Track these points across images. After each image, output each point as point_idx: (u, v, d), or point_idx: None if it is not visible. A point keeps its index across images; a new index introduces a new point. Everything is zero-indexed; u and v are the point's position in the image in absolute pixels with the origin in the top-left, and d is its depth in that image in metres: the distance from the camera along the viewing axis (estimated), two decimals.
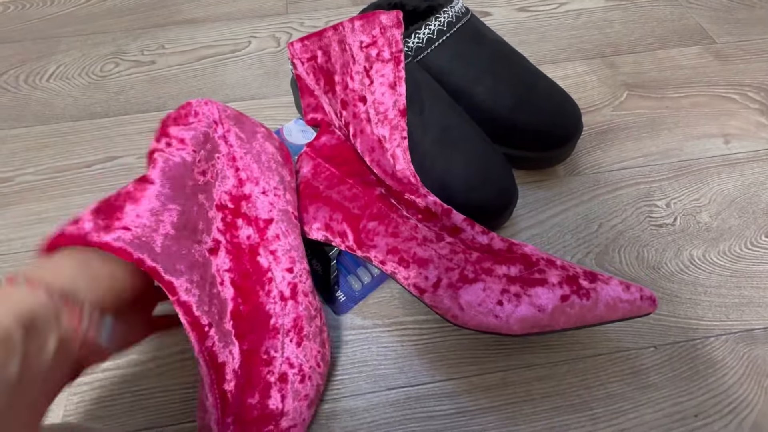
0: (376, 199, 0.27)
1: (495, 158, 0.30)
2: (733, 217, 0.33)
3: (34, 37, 0.48)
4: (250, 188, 0.23)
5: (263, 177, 0.24)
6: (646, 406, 0.26)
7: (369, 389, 0.26)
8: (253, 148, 0.24)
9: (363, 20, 0.27)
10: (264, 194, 0.24)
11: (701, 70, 0.42)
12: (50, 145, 0.39)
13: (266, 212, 0.23)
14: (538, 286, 0.22)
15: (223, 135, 0.23)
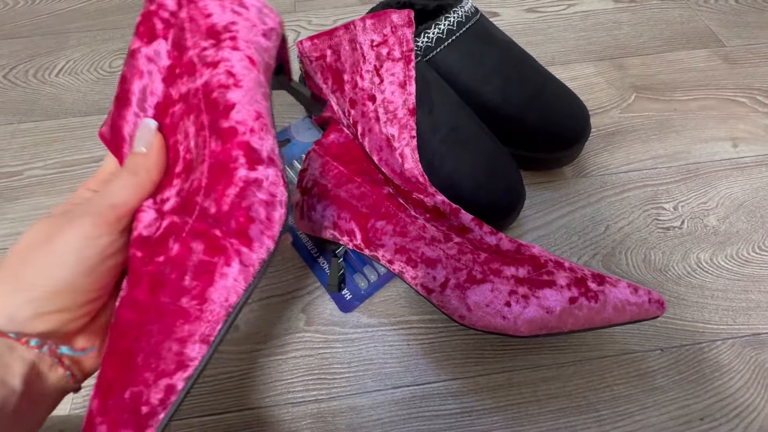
0: (385, 198, 0.27)
1: (503, 158, 0.30)
2: (740, 221, 0.33)
3: (43, 33, 0.48)
4: (197, 38, 0.19)
5: (221, 21, 0.19)
6: (652, 408, 0.26)
7: (375, 387, 0.27)
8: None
9: (374, 19, 0.27)
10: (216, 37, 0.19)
11: (710, 73, 0.42)
12: (59, 140, 0.39)
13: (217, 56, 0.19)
14: (547, 287, 0.22)
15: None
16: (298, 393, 0.26)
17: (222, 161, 0.17)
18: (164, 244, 0.17)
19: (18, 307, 0.15)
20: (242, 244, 0.16)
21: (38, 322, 0.15)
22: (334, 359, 0.27)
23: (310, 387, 0.27)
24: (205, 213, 0.17)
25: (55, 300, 0.15)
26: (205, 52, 0.19)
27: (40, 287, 0.15)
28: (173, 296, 0.16)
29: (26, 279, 0.15)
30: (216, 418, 0.26)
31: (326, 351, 0.28)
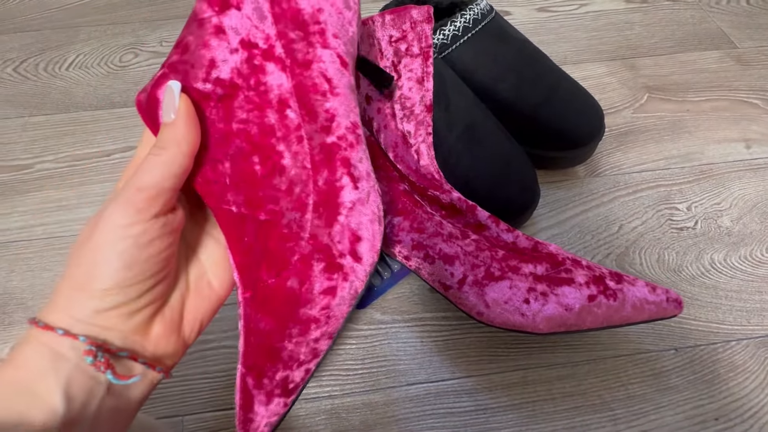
0: (401, 194, 0.27)
1: (519, 157, 0.29)
2: (754, 222, 0.33)
3: (53, 26, 0.48)
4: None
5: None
6: (666, 408, 0.26)
7: (389, 384, 0.26)
8: None
9: (393, 15, 0.27)
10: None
11: (722, 74, 0.42)
12: (70, 134, 0.39)
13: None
14: (565, 285, 0.22)
15: None
16: (312, 389, 0.26)
17: (329, 181, 0.18)
18: (286, 260, 0.17)
19: (77, 309, 0.15)
20: (354, 260, 0.18)
21: (102, 320, 0.15)
22: (348, 356, 0.27)
23: (324, 383, 0.26)
24: (318, 230, 0.17)
25: (107, 299, 0.15)
26: (294, 45, 0.17)
27: (91, 287, 0.15)
28: (305, 306, 0.17)
29: (79, 280, 0.15)
30: (229, 413, 0.26)
31: (340, 347, 0.28)
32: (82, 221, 0.34)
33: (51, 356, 0.15)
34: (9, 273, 0.31)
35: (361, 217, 0.18)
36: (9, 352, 0.15)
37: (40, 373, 0.14)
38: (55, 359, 0.15)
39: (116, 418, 0.16)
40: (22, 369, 0.15)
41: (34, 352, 0.15)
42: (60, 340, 0.15)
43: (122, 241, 0.15)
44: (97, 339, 0.15)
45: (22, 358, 0.15)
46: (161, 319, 0.17)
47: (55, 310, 0.15)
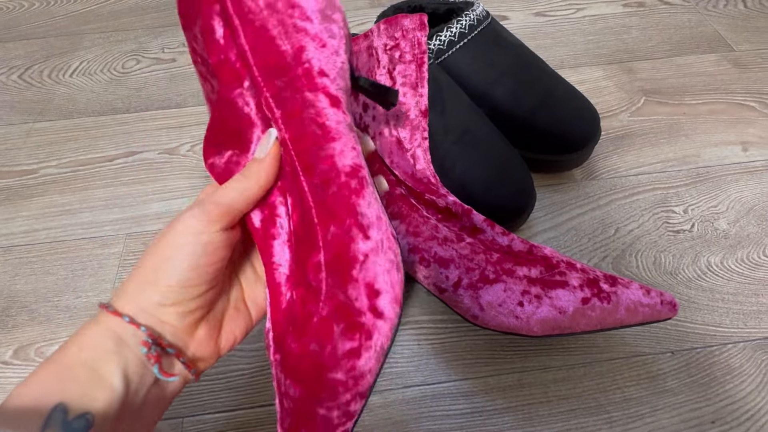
0: (397, 198, 0.27)
1: (514, 160, 0.30)
2: (751, 225, 0.33)
3: (57, 34, 0.49)
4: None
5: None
6: (662, 411, 0.26)
7: (385, 386, 0.27)
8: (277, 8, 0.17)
9: (387, 24, 0.28)
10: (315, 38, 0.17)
11: (719, 77, 0.42)
12: (73, 139, 0.40)
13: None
14: (559, 288, 0.23)
15: None
16: None
17: (337, 235, 0.17)
18: (306, 325, 0.17)
19: (144, 299, 0.17)
20: (375, 317, 0.17)
21: (161, 314, 0.17)
22: None
23: None
24: (333, 290, 0.17)
25: (169, 294, 0.17)
26: (282, 94, 0.17)
27: (158, 283, 0.17)
28: (331, 371, 0.17)
29: (149, 273, 0.17)
30: (228, 415, 0.26)
31: None
32: (85, 225, 0.34)
33: (115, 340, 0.16)
34: (13, 276, 0.32)
35: (377, 267, 0.16)
36: (74, 333, 0.17)
37: (105, 354, 0.16)
38: (119, 343, 0.16)
39: (156, 408, 0.17)
40: (87, 349, 0.16)
41: (100, 334, 0.16)
42: (125, 326, 0.17)
43: (192, 245, 0.17)
44: (154, 331, 0.17)
45: (88, 338, 0.16)
46: (205, 324, 0.19)
47: (124, 298, 0.17)
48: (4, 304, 0.31)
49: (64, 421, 0.14)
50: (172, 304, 0.17)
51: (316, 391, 0.17)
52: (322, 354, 0.16)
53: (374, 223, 0.17)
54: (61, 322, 0.30)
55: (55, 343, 0.29)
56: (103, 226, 0.34)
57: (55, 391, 0.15)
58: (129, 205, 0.35)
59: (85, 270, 0.32)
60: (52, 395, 0.15)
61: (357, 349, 0.16)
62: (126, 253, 0.33)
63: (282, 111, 0.17)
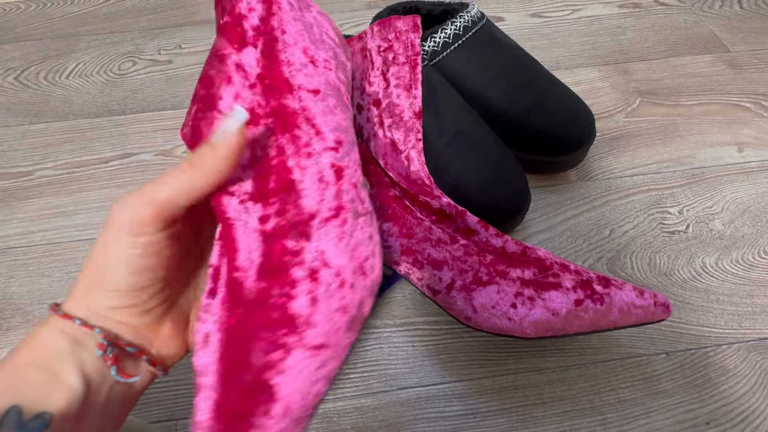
0: (391, 200, 0.27)
1: (509, 162, 0.30)
2: (746, 226, 0.33)
3: (54, 35, 0.49)
4: (294, 54, 0.18)
5: (313, 47, 0.18)
6: (657, 412, 0.26)
7: (380, 388, 0.27)
8: (305, 18, 0.19)
9: (380, 26, 0.28)
10: (312, 63, 0.18)
11: (715, 78, 0.42)
12: (69, 141, 0.40)
13: (311, 83, 0.18)
14: (552, 289, 0.23)
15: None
16: None
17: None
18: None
19: (94, 303, 0.16)
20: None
21: (115, 315, 0.16)
22: None
23: None
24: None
25: (118, 299, 0.16)
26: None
27: (105, 288, 0.16)
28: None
29: (93, 279, 0.16)
30: None
31: None
32: (81, 227, 0.34)
33: (69, 341, 0.16)
34: (8, 279, 0.32)
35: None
36: (24, 338, 0.16)
37: (60, 355, 0.15)
38: (73, 344, 0.16)
39: (123, 404, 0.17)
40: (40, 351, 0.15)
41: (53, 336, 0.16)
42: (77, 328, 0.16)
43: (129, 250, 0.15)
44: (110, 332, 0.16)
45: (39, 340, 0.16)
46: (170, 320, 0.18)
47: (74, 301, 0.16)
48: None
49: (18, 422, 0.14)
50: (125, 307, 0.16)
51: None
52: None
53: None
54: None
55: None
56: (99, 228, 0.34)
57: (8, 394, 0.14)
58: None
59: None
60: (4, 398, 0.14)
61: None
62: None
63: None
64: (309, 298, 0.16)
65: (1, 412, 0.14)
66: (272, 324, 0.16)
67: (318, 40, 0.19)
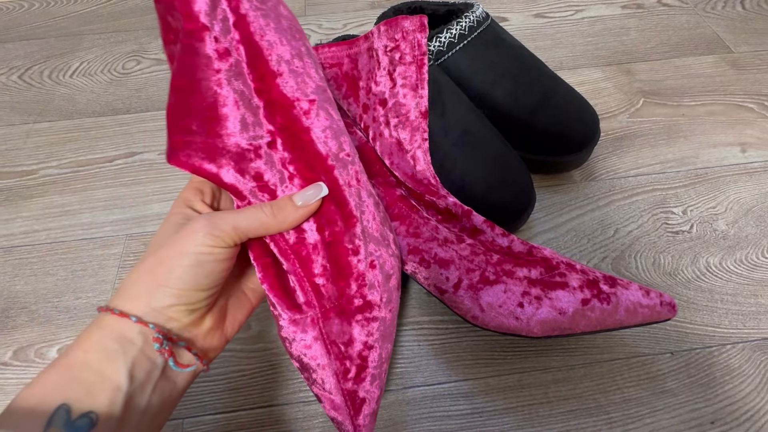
0: (397, 199, 0.27)
1: (514, 162, 0.30)
2: (749, 226, 0.33)
3: (58, 34, 0.49)
4: (277, 62, 0.20)
5: (289, 47, 0.20)
6: (662, 411, 0.26)
7: (385, 387, 0.27)
8: (269, 10, 0.20)
9: (387, 25, 0.28)
10: (293, 71, 0.20)
11: (718, 78, 0.42)
12: (73, 140, 0.40)
13: (305, 92, 0.20)
14: (559, 289, 0.23)
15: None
16: (310, 392, 0.26)
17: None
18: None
19: (156, 300, 0.18)
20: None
21: (170, 312, 0.18)
22: None
23: None
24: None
25: (181, 296, 0.18)
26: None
27: (171, 286, 0.18)
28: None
29: (161, 276, 0.18)
30: (228, 416, 0.26)
31: None
32: (85, 226, 0.34)
33: (120, 341, 0.17)
34: (12, 277, 0.32)
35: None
36: (77, 338, 0.17)
37: (109, 354, 0.17)
38: (124, 343, 0.17)
39: (165, 405, 0.18)
40: (91, 351, 0.17)
41: (104, 336, 0.17)
42: (131, 326, 0.17)
43: (207, 256, 0.18)
44: (163, 328, 0.18)
45: (91, 341, 0.17)
46: (211, 316, 0.20)
47: (129, 300, 0.18)
48: (3, 305, 0.31)
49: (67, 421, 0.15)
50: (182, 305, 0.18)
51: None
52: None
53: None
54: (61, 323, 0.30)
55: (55, 344, 0.29)
56: (104, 227, 0.34)
57: (59, 393, 0.15)
58: (129, 206, 0.35)
59: (86, 271, 0.32)
60: (55, 396, 0.15)
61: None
62: (126, 254, 0.33)
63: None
64: (376, 283, 0.21)
65: (50, 411, 0.15)
66: (360, 308, 0.21)
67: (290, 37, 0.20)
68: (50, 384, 0.16)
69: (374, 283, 0.21)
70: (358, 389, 0.21)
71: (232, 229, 0.18)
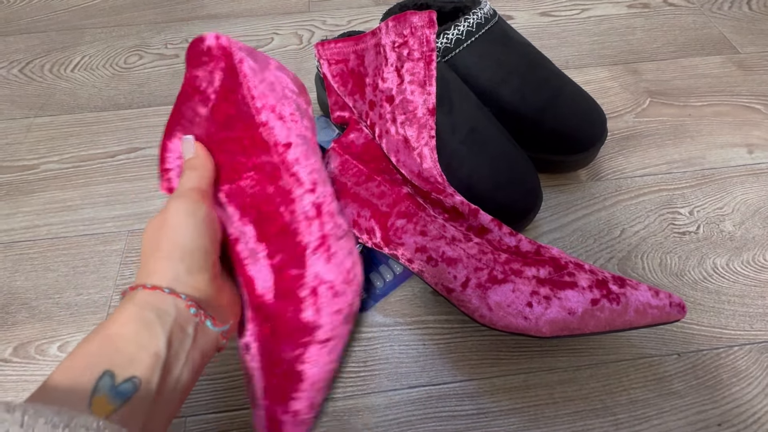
0: (404, 197, 0.27)
1: (521, 160, 0.30)
2: (756, 227, 0.33)
3: (59, 28, 0.49)
4: (266, 115, 0.23)
5: (279, 104, 0.24)
6: (669, 413, 0.25)
7: (390, 387, 0.26)
8: (266, 78, 0.24)
9: (395, 21, 0.27)
10: (281, 120, 0.23)
11: (724, 79, 0.42)
12: (74, 135, 0.39)
13: (284, 137, 0.23)
14: (569, 289, 0.22)
15: (236, 65, 0.23)
16: None
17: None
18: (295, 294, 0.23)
19: (176, 270, 0.19)
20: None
21: (193, 281, 0.20)
22: (350, 358, 0.27)
23: None
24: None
25: (193, 258, 0.20)
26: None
27: (180, 253, 0.19)
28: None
29: (165, 252, 0.20)
30: (231, 415, 0.26)
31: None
32: (87, 222, 0.34)
33: (156, 311, 0.18)
34: (13, 273, 0.31)
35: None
36: (111, 315, 0.18)
37: (148, 324, 0.18)
38: (161, 314, 0.18)
39: (193, 376, 0.19)
40: (129, 323, 0.17)
41: (140, 309, 0.18)
42: (164, 297, 0.18)
43: (191, 219, 0.20)
44: (193, 297, 0.19)
45: (128, 315, 0.18)
46: (225, 292, 0.22)
47: (157, 275, 0.19)
48: (4, 300, 0.30)
49: (111, 387, 0.15)
50: (198, 271, 0.20)
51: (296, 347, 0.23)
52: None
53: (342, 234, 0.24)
54: (61, 319, 0.29)
55: (55, 341, 0.28)
56: (105, 223, 0.34)
57: (101, 362, 0.16)
58: (131, 202, 0.35)
59: (87, 267, 0.32)
60: (98, 365, 0.16)
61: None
62: (128, 250, 0.32)
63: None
64: (314, 309, 0.23)
65: (95, 378, 0.15)
66: (293, 331, 0.23)
67: (281, 96, 0.24)
68: (91, 355, 0.16)
69: (312, 312, 0.23)
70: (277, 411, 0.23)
71: (191, 191, 0.22)
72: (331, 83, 0.31)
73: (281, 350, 0.23)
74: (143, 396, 0.16)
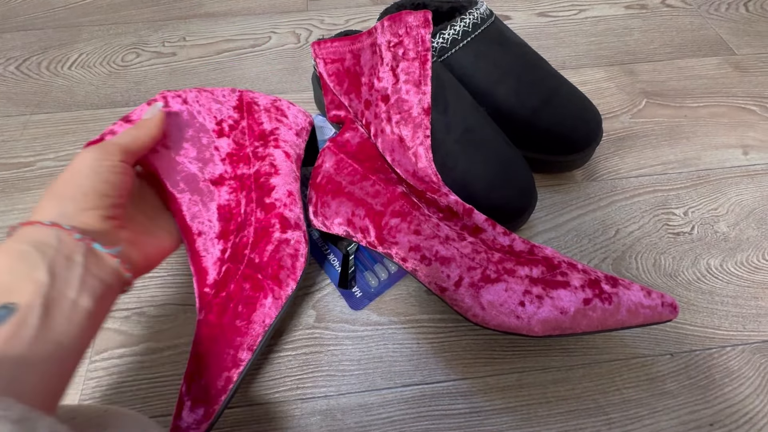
0: (399, 196, 0.27)
1: (516, 160, 0.30)
2: (751, 228, 0.33)
3: (56, 25, 0.48)
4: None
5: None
6: (662, 413, 0.26)
7: (384, 385, 0.26)
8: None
9: (390, 20, 0.27)
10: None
11: (720, 80, 0.42)
12: (71, 132, 0.39)
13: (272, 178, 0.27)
14: (561, 288, 0.22)
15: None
16: (308, 389, 0.26)
17: (264, 226, 0.26)
18: (225, 283, 0.24)
19: (66, 207, 0.20)
20: (274, 284, 0.25)
21: (83, 217, 0.20)
22: (344, 356, 0.27)
23: (320, 383, 0.27)
24: (251, 262, 0.25)
25: (87, 199, 0.20)
26: (258, 149, 0.28)
27: (72, 192, 0.20)
28: (231, 318, 0.24)
29: (60, 190, 0.20)
30: (225, 413, 0.26)
31: (336, 348, 0.28)
32: None
33: (34, 243, 0.18)
34: None
35: (283, 252, 0.25)
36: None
37: (23, 255, 0.18)
38: (39, 245, 0.18)
39: (99, 303, 0.19)
40: (5, 257, 0.18)
41: (14, 243, 0.18)
42: (44, 230, 0.19)
43: (99, 166, 0.21)
44: (79, 228, 0.19)
45: (3, 250, 0.18)
46: (128, 230, 0.22)
47: (41, 211, 0.19)
48: None
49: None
50: (90, 209, 0.20)
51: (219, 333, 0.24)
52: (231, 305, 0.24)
53: (292, 226, 0.26)
54: None
55: None
56: None
57: None
58: None
59: None
60: None
61: (254, 304, 0.24)
62: None
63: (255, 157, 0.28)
64: (244, 302, 0.24)
65: None
66: (233, 317, 0.24)
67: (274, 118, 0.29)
68: None
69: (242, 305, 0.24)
70: None
71: (112, 145, 0.22)
72: (328, 82, 0.31)
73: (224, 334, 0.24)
74: (23, 320, 0.16)
